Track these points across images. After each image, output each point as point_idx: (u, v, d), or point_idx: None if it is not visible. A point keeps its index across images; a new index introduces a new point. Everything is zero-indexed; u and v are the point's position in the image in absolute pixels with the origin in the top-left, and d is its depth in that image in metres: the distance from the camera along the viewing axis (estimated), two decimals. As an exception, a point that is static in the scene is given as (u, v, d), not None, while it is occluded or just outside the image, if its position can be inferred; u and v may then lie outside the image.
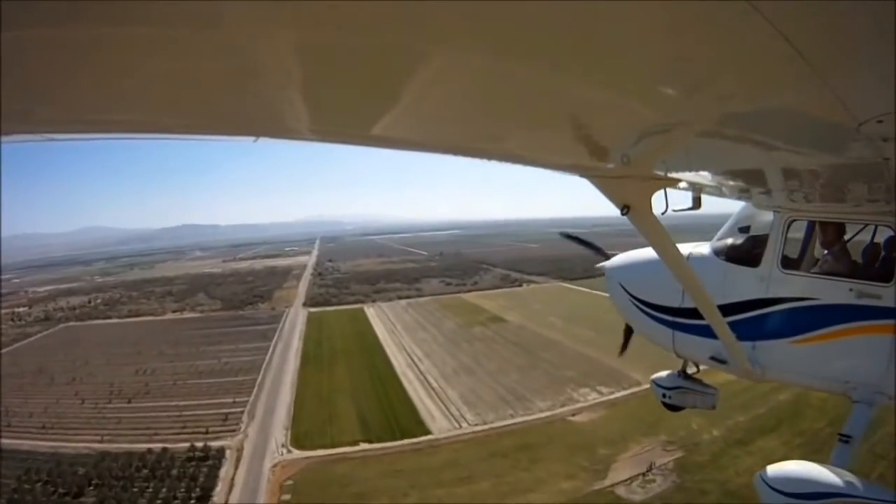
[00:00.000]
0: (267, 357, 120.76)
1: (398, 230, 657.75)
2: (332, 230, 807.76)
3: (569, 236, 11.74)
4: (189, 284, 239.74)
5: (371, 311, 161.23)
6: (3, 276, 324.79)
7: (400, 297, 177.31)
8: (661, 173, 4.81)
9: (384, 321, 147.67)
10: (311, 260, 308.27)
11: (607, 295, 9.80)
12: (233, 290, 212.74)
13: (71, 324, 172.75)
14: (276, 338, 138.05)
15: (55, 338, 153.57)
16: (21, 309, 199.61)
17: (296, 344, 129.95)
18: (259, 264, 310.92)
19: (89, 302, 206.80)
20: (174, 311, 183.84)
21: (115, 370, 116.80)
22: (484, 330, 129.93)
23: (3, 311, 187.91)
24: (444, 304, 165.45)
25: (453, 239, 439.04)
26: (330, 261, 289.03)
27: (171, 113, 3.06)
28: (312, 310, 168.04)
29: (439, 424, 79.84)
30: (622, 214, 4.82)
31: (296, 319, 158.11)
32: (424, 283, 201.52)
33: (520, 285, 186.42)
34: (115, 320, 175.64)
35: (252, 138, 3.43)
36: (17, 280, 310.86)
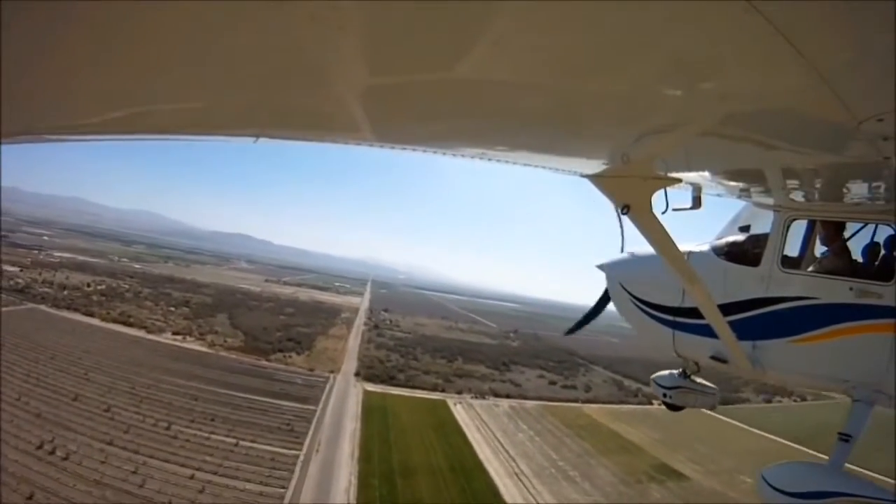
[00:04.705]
0: (287, 495, 64.83)
1: (451, 290, 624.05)
2: (384, 275, 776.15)
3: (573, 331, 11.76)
4: (214, 298, 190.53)
5: (460, 412, 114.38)
6: (35, 231, 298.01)
7: (496, 394, 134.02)
8: (661, 173, 4.97)
9: (488, 439, 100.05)
10: (363, 304, 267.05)
11: (773, 436, 38.54)
12: (264, 322, 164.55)
13: (43, 308, 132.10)
14: (309, 439, 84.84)
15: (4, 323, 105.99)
16: (12, 268, 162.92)
17: (345, 470, 75.52)
18: (304, 294, 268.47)
19: (88, 286, 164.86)
20: (175, 334, 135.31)
21: (16, 430, 68.26)
22: (667, 496, 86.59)
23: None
24: (565, 419, 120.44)
25: (514, 313, 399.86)
26: (385, 310, 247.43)
27: (171, 114, 3.24)
28: (370, 387, 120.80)
29: None
30: (622, 214, 4.95)
31: (345, 402, 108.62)
32: (518, 373, 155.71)
33: (649, 403, 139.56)
34: (95, 321, 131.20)
35: (252, 138, 3.67)
36: (46, 237, 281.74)
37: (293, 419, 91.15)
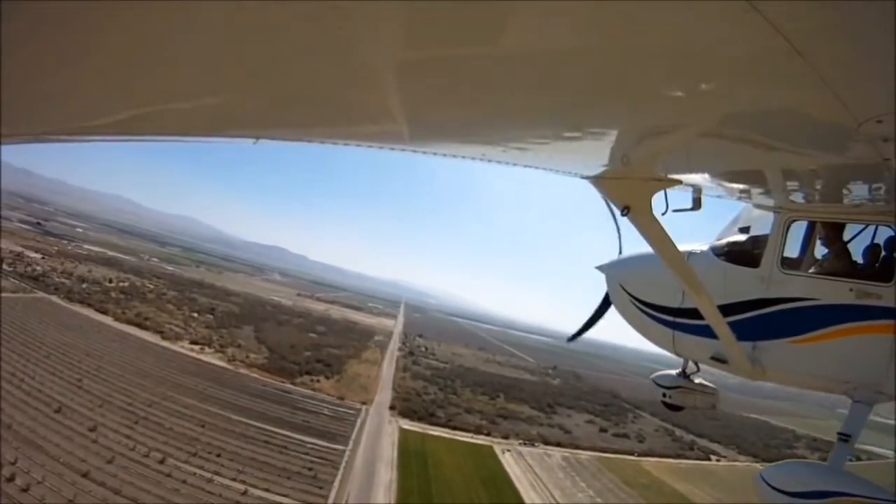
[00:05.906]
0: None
1: (483, 319, 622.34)
2: (416, 299, 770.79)
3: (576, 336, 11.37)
4: (242, 308, 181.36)
5: (510, 462, 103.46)
6: (71, 222, 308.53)
7: (546, 441, 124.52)
8: (662, 174, 5.02)
9: (545, 498, 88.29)
10: (397, 327, 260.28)
11: None
12: (292, 339, 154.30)
13: (54, 299, 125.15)
14: (335, 490, 69.73)
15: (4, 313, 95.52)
16: (34, 254, 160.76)
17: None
18: (337, 312, 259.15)
19: (110, 281, 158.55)
20: (192, 344, 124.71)
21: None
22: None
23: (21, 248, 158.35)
24: (624, 476, 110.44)
25: (549, 348, 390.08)
26: (420, 336, 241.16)
27: (170, 114, 3.31)
28: (406, 425, 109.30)
29: None
30: (622, 215, 5.05)
31: (378, 441, 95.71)
32: (565, 417, 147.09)
33: (707, 458, 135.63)
34: (107, 319, 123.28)
35: (252, 139, 3.78)
36: (81, 230, 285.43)
37: (317, 462, 77.89)
